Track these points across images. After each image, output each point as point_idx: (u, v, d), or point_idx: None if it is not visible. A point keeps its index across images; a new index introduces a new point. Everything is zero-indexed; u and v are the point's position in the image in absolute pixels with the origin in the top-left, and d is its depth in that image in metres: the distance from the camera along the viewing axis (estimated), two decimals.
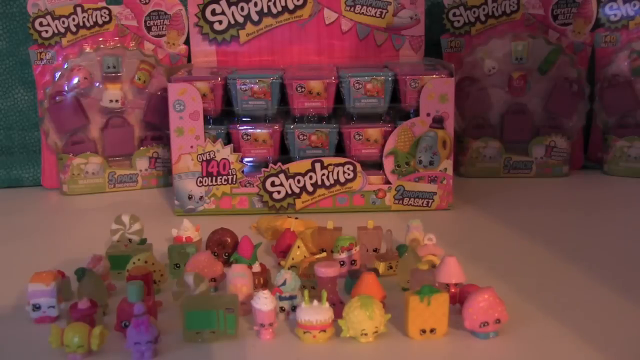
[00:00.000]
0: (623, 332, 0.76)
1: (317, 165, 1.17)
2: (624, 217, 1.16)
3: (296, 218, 1.05)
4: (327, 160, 1.17)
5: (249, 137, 1.19)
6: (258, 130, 1.18)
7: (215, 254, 0.95)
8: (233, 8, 1.34)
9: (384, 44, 1.36)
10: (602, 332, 0.76)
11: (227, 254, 0.95)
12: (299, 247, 0.92)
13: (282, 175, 1.17)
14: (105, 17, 1.34)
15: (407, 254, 0.88)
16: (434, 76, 1.17)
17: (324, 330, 0.74)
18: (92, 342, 0.71)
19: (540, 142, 1.39)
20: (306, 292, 0.76)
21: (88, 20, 1.33)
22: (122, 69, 1.34)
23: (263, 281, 0.86)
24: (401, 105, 1.19)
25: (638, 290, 0.87)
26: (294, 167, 1.17)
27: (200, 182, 1.17)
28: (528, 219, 1.16)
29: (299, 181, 1.18)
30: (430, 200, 1.19)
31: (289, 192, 1.18)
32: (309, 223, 1.05)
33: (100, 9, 1.33)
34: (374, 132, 1.18)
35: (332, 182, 1.18)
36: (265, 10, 1.34)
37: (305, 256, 0.91)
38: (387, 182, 1.19)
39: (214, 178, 1.17)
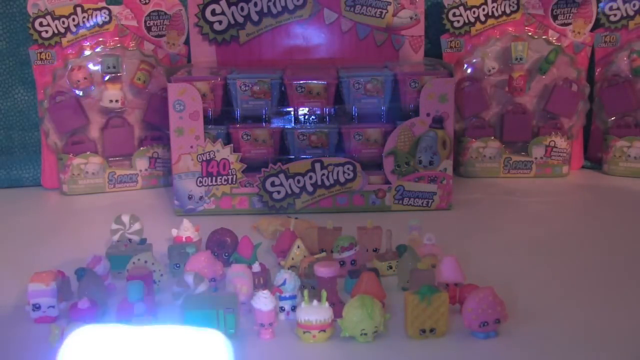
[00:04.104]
0: (623, 332, 0.76)
1: (317, 165, 1.17)
2: (624, 217, 1.16)
3: (296, 218, 1.05)
4: (327, 160, 1.17)
5: (249, 137, 1.19)
6: (258, 130, 1.19)
7: (215, 254, 0.95)
8: (233, 8, 1.34)
9: (384, 44, 1.36)
10: (602, 332, 0.76)
11: (227, 254, 0.95)
12: (298, 247, 0.92)
13: (282, 175, 1.17)
14: (106, 18, 1.34)
15: (407, 254, 0.88)
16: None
17: (324, 330, 0.74)
18: None
19: (540, 142, 1.39)
20: (306, 292, 0.76)
21: (88, 19, 1.33)
22: (122, 69, 1.34)
23: (263, 281, 0.86)
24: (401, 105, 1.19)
25: (638, 290, 0.87)
26: (294, 167, 1.17)
27: (200, 182, 1.17)
28: (528, 219, 1.17)
29: (298, 181, 1.18)
30: (430, 200, 1.19)
31: (289, 192, 1.18)
32: (309, 223, 1.05)
33: (100, 9, 1.34)
34: (374, 132, 1.18)
35: (332, 182, 1.18)
36: (265, 10, 1.34)
37: (305, 256, 0.91)
38: (387, 182, 1.19)
39: (214, 178, 1.17)
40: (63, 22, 1.32)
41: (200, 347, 0.35)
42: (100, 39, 1.34)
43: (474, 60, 1.40)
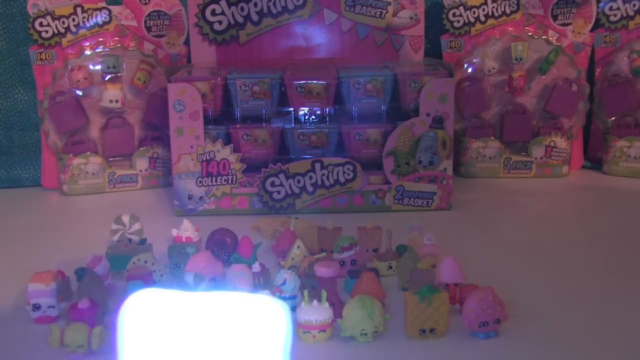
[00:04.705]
0: (623, 332, 0.76)
1: (317, 165, 1.17)
2: (624, 217, 1.16)
3: (296, 218, 1.05)
4: (327, 160, 1.17)
5: (249, 137, 1.19)
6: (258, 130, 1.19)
7: (215, 254, 0.95)
8: (233, 8, 1.34)
9: (384, 44, 1.36)
10: (602, 332, 0.76)
11: (227, 254, 0.95)
12: (298, 247, 0.92)
13: (282, 175, 1.17)
14: (106, 18, 1.34)
15: (407, 254, 0.88)
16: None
17: (324, 330, 0.74)
18: (92, 342, 0.71)
19: (540, 142, 1.39)
20: (306, 292, 0.76)
21: (88, 19, 1.33)
22: (122, 69, 1.34)
23: (263, 281, 0.86)
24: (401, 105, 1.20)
25: (638, 290, 0.87)
26: (294, 167, 1.17)
27: (200, 182, 1.17)
28: (528, 219, 1.17)
29: (299, 181, 1.18)
30: (430, 200, 1.19)
31: (289, 192, 1.18)
32: (309, 223, 1.05)
33: (100, 9, 1.34)
34: (374, 132, 1.18)
35: (332, 182, 1.18)
36: (265, 10, 1.34)
37: (305, 256, 0.91)
38: (387, 182, 1.19)
39: (214, 178, 1.17)
40: (63, 22, 1.32)
41: (257, 313, 0.36)
42: (100, 39, 1.34)
43: (474, 60, 1.40)
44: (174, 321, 0.37)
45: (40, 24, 1.31)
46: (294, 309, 0.79)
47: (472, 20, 1.40)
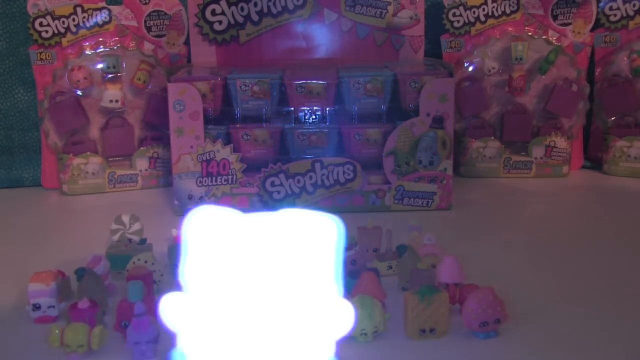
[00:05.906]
0: (623, 332, 0.76)
1: (317, 165, 1.17)
2: (624, 217, 1.16)
3: None
4: (327, 160, 1.17)
5: (249, 137, 1.19)
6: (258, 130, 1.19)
7: None
8: (233, 8, 1.34)
9: (384, 44, 1.36)
10: (602, 332, 0.76)
11: None
12: None
13: (282, 175, 1.17)
14: (106, 18, 1.34)
15: (407, 254, 0.88)
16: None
17: None
18: (92, 342, 0.71)
19: (540, 142, 1.39)
20: None
21: (88, 19, 1.33)
22: (122, 69, 1.34)
23: None
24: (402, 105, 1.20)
25: (638, 290, 0.87)
26: (294, 167, 1.17)
27: (200, 182, 1.17)
28: (528, 219, 1.17)
29: (299, 181, 1.18)
30: (430, 200, 1.19)
31: (289, 192, 1.18)
32: None
33: (100, 9, 1.34)
34: (374, 132, 1.18)
35: (332, 182, 1.18)
36: (265, 10, 1.34)
37: None
38: (387, 182, 1.19)
39: (214, 178, 1.18)
40: (63, 22, 1.32)
41: (310, 227, 0.38)
42: (100, 39, 1.34)
43: (475, 60, 1.40)
44: (232, 236, 0.38)
45: (40, 24, 1.31)
46: None
47: (472, 20, 1.40)
